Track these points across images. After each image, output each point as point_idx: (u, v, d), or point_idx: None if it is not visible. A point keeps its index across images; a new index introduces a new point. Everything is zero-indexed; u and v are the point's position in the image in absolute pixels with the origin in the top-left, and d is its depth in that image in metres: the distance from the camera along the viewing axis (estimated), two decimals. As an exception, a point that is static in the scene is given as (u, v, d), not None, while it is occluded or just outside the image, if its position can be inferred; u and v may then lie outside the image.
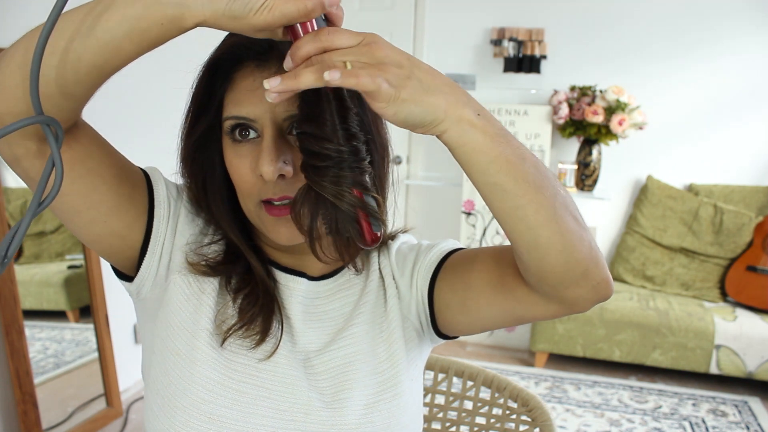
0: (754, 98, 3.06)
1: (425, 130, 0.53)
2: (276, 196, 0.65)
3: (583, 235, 0.59)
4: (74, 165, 0.60)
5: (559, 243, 0.57)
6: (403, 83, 0.50)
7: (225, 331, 0.68)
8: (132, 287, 0.72)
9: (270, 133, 0.64)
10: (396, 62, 0.50)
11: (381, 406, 0.71)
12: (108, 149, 0.65)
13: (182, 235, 0.72)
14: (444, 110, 0.52)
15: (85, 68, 0.50)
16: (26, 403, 1.90)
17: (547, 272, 0.60)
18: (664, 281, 3.13)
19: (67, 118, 0.56)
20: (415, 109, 0.51)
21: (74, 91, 0.52)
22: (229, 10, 0.47)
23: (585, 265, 0.59)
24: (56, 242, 2.15)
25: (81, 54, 0.49)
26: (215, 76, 0.67)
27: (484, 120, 0.54)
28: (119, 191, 0.65)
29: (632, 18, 3.11)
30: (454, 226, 3.36)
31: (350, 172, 0.55)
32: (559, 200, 0.58)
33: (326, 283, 0.77)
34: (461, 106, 0.53)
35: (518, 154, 0.55)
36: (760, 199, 3.04)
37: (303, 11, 0.48)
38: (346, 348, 0.73)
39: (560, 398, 2.69)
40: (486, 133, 0.53)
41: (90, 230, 0.66)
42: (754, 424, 2.52)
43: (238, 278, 0.72)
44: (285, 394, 0.68)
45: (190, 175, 0.72)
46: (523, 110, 3.06)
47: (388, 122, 0.56)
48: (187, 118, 0.70)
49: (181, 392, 0.66)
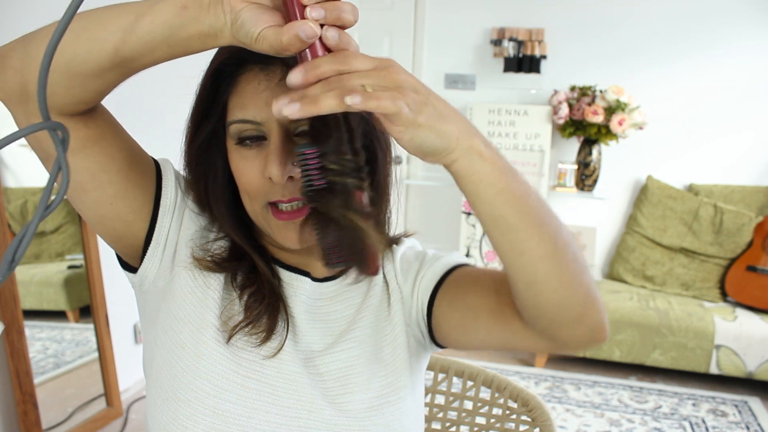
0: (754, 98, 3.06)
1: (436, 159, 0.53)
2: (285, 198, 0.66)
3: (582, 277, 0.59)
4: (88, 143, 0.62)
5: (556, 281, 0.58)
6: (420, 108, 0.50)
7: (231, 328, 0.69)
8: (135, 278, 0.72)
9: (277, 135, 0.64)
10: (413, 87, 0.50)
11: (384, 409, 0.71)
12: (123, 134, 0.66)
13: (188, 228, 0.72)
14: (456, 138, 0.52)
15: (120, 59, 0.53)
16: (26, 403, 1.90)
17: (543, 310, 0.60)
18: (664, 281, 3.13)
19: (90, 99, 0.58)
20: (430, 134, 0.51)
21: (105, 77, 0.55)
22: (240, 36, 0.50)
23: (581, 307, 0.60)
24: (56, 242, 2.16)
25: (119, 46, 0.52)
26: (219, 79, 0.67)
27: (492, 152, 0.54)
28: (128, 175, 0.66)
29: (632, 18, 3.11)
30: (454, 226, 3.36)
31: (355, 187, 0.54)
32: (561, 239, 0.58)
33: (330, 285, 0.77)
34: (471, 136, 0.53)
35: (524, 188, 0.56)
36: (760, 199, 3.04)
37: (280, 46, 0.49)
38: (350, 351, 0.73)
39: (560, 398, 2.69)
40: (494, 164, 0.54)
41: (95, 210, 0.66)
42: (754, 424, 2.52)
43: (243, 275, 0.72)
44: (289, 391, 0.69)
45: (193, 177, 0.73)
46: (523, 110, 3.06)
47: (401, 147, 0.56)
48: (191, 122, 0.71)
49: (186, 385, 0.66)
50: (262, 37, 0.49)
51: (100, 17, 0.53)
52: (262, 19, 0.49)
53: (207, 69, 0.69)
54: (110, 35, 0.52)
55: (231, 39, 0.51)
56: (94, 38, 0.53)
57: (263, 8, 0.50)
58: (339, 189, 0.53)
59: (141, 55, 0.53)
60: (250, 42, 0.50)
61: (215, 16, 0.50)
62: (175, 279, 0.70)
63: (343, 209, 0.53)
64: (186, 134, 0.72)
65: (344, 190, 0.53)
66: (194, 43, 0.52)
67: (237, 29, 0.49)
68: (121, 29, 0.52)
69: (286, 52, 0.50)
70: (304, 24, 0.48)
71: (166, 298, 0.70)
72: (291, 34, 0.48)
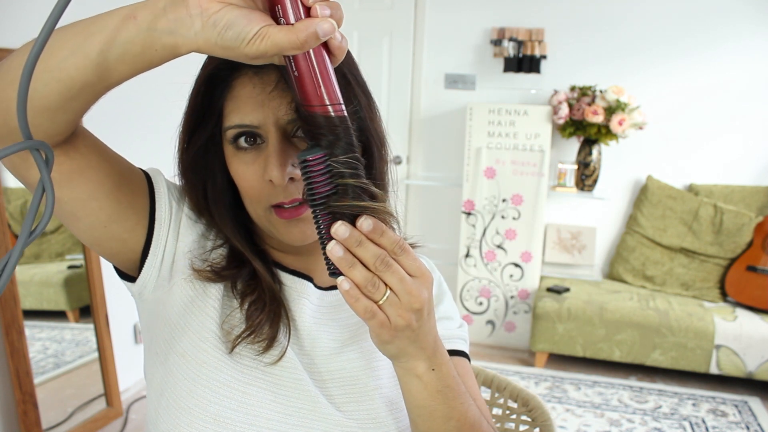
0: (754, 98, 3.06)
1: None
2: (287, 200, 0.66)
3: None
4: (73, 175, 0.59)
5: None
6: (393, 340, 0.56)
7: (233, 339, 0.68)
8: (134, 288, 0.72)
9: (275, 138, 0.64)
10: (418, 315, 0.55)
11: (387, 419, 0.71)
12: (108, 156, 0.64)
13: (185, 237, 0.72)
14: (396, 357, 0.59)
15: (79, 86, 0.50)
16: (26, 403, 1.90)
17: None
18: (664, 281, 3.13)
19: (63, 131, 0.55)
20: (388, 347, 0.57)
21: (69, 107, 0.51)
22: (221, 40, 0.46)
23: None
24: (56, 242, 2.15)
25: (73, 74, 0.49)
26: (213, 85, 0.66)
27: (433, 377, 0.60)
28: (119, 198, 0.64)
29: (632, 18, 3.11)
30: (454, 226, 3.36)
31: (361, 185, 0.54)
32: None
33: (334, 293, 0.77)
34: (420, 360, 0.59)
35: (447, 414, 0.62)
36: (760, 199, 3.04)
37: (295, 44, 0.46)
38: (356, 360, 0.73)
39: (560, 398, 2.69)
40: (427, 387, 0.61)
41: (90, 234, 0.65)
42: (754, 424, 2.52)
43: (243, 283, 0.71)
44: (291, 398, 0.68)
45: (190, 184, 0.72)
46: (523, 110, 3.06)
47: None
48: (186, 128, 0.69)
49: (187, 393, 0.65)
50: (262, 35, 0.46)
51: (50, 45, 0.48)
52: (255, 18, 0.46)
53: (199, 74, 0.68)
54: (62, 63, 0.48)
55: (201, 44, 0.46)
56: (47, 69, 0.48)
57: (246, 9, 0.47)
58: (350, 191, 0.53)
59: (99, 78, 0.49)
60: (239, 44, 0.46)
61: (176, 21, 0.46)
62: (174, 288, 0.70)
63: (359, 209, 0.53)
64: (180, 141, 0.70)
65: (356, 190, 0.53)
66: (152, 55, 0.48)
67: (221, 31, 0.45)
68: (72, 54, 0.48)
69: (295, 51, 0.47)
70: (324, 21, 0.47)
71: (166, 306, 0.70)
72: (309, 32, 0.46)
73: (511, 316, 3.22)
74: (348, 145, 0.52)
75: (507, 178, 3.12)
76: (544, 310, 2.91)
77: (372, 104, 0.70)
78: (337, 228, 0.52)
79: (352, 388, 0.71)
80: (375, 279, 0.53)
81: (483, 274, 3.22)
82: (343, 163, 0.52)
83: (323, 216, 0.53)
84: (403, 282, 0.53)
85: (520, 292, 3.18)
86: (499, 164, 3.12)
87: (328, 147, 0.52)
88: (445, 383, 0.61)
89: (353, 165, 0.53)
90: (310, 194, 0.53)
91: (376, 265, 0.52)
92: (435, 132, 3.43)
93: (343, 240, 0.52)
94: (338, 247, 0.52)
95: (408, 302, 0.54)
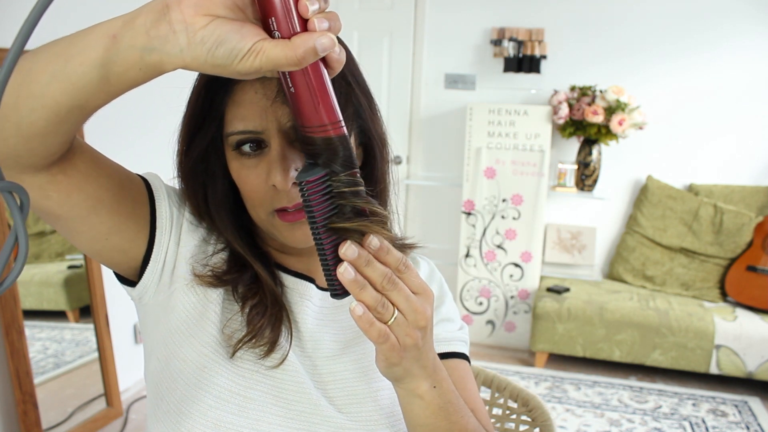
0: (754, 98, 3.06)
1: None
2: (290, 204, 0.65)
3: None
4: (72, 192, 0.58)
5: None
6: (400, 361, 0.57)
7: (235, 344, 0.67)
8: (134, 293, 0.71)
9: (278, 143, 0.63)
10: (422, 335, 0.56)
11: (389, 420, 0.71)
12: (107, 169, 0.62)
13: (186, 243, 0.71)
14: (401, 378, 0.59)
15: (66, 110, 0.48)
16: (26, 403, 1.90)
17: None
18: (664, 281, 3.13)
19: (57, 151, 0.53)
20: (394, 369, 0.58)
21: (59, 129, 0.50)
22: (212, 58, 0.43)
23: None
24: (56, 242, 2.15)
25: (59, 98, 0.47)
26: (213, 90, 0.66)
27: (435, 394, 0.61)
28: (119, 210, 0.64)
29: (632, 18, 3.11)
30: (454, 226, 3.36)
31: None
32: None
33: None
34: (421, 380, 0.60)
35: (448, 429, 0.63)
36: (760, 199, 3.04)
37: (292, 60, 0.43)
38: (358, 362, 0.73)
39: (560, 398, 2.69)
40: (429, 405, 0.61)
41: (91, 246, 0.65)
42: (754, 424, 2.52)
43: (245, 286, 0.71)
44: (293, 402, 0.68)
45: (190, 189, 0.71)
46: (523, 110, 3.06)
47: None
48: (185, 133, 0.69)
49: (188, 398, 0.65)
50: (256, 51, 0.43)
51: (31, 69, 0.46)
52: (247, 32, 0.43)
53: (198, 79, 0.67)
54: (44, 89, 0.46)
55: (189, 62, 0.43)
56: (31, 95, 0.47)
57: (237, 22, 0.44)
58: (352, 209, 0.52)
59: (85, 101, 0.47)
60: (231, 61, 0.43)
61: (158, 39, 0.43)
62: (175, 293, 0.69)
63: (364, 226, 0.52)
64: (179, 146, 0.70)
65: (357, 209, 0.52)
66: (136, 74, 0.45)
67: (211, 48, 0.42)
68: (54, 78, 0.46)
69: (292, 68, 0.44)
70: (322, 36, 0.44)
71: (167, 311, 0.69)
72: (307, 47, 0.43)
73: (511, 316, 3.22)
74: (348, 162, 0.51)
75: (507, 178, 3.12)
76: (544, 310, 2.91)
77: (373, 105, 0.70)
78: (346, 249, 0.51)
79: (353, 389, 0.71)
80: (383, 299, 0.52)
81: (483, 274, 3.22)
82: (344, 182, 0.51)
83: (325, 236, 0.52)
84: (408, 300, 0.53)
85: (520, 292, 3.19)
86: (499, 164, 3.12)
87: (327, 166, 0.51)
88: (446, 399, 0.62)
89: (353, 182, 0.52)
90: (310, 215, 0.51)
91: (383, 285, 0.52)
92: (435, 132, 3.43)
93: (353, 260, 0.51)
94: (351, 269, 0.51)
95: (414, 320, 0.54)
